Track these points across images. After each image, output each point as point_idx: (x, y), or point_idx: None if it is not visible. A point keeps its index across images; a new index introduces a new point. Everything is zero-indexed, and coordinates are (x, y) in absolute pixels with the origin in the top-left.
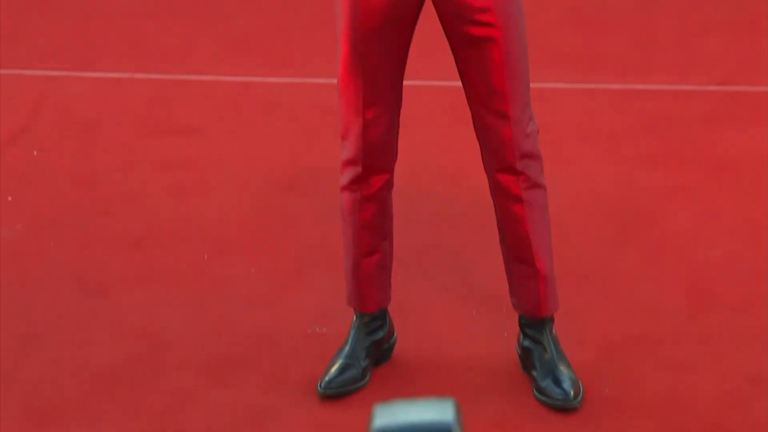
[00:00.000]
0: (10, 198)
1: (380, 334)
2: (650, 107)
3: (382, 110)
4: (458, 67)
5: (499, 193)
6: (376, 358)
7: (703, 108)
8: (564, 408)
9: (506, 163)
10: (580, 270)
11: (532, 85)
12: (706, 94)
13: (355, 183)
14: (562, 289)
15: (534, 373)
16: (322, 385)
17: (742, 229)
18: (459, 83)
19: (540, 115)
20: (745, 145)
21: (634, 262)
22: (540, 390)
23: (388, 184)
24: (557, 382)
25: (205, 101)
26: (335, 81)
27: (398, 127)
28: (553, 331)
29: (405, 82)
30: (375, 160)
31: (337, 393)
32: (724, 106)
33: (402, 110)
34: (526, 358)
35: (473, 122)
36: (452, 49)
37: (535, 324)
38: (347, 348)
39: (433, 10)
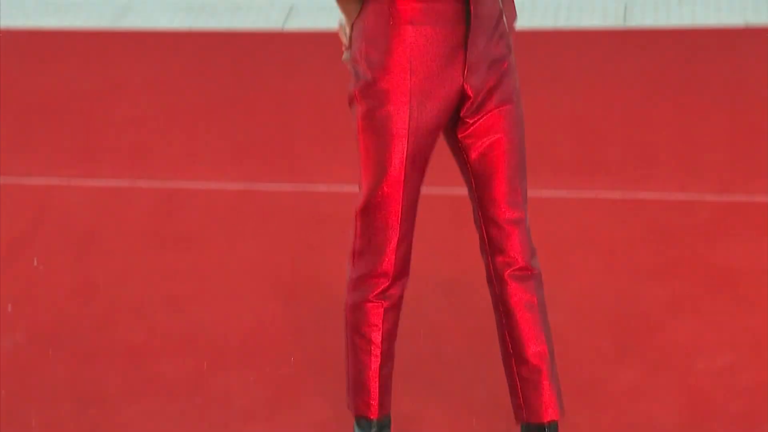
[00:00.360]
0: (10, 308)
1: None
2: (649, 217)
3: (411, 222)
4: (469, 171)
5: (511, 296)
6: None
7: (702, 218)
8: None
9: (520, 263)
10: (580, 382)
11: (531, 193)
12: (705, 204)
13: (380, 295)
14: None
15: None
16: None
17: (742, 341)
18: (455, 191)
19: (539, 224)
20: (745, 255)
21: (634, 374)
22: None
23: (404, 289)
24: None
25: (205, 209)
26: (336, 189)
27: None
28: None
29: None
30: (401, 270)
31: None
32: (723, 216)
33: None
34: None
35: (483, 227)
36: (463, 152)
37: (540, 431)
38: None
39: None
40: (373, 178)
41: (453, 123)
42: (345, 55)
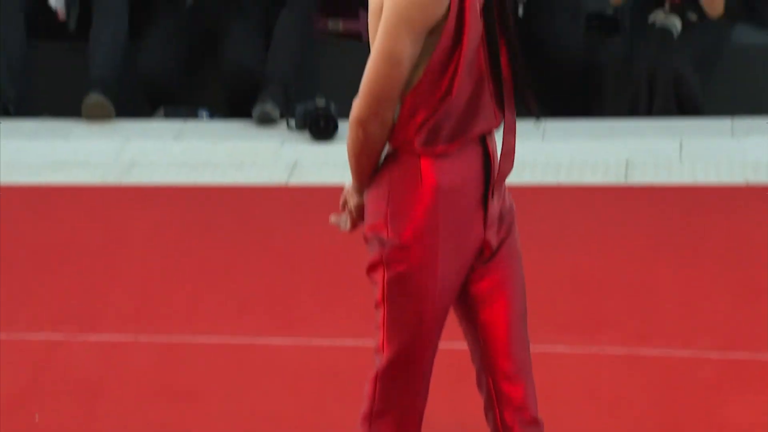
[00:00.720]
0: None
1: None
2: (652, 373)
3: (430, 379)
4: (476, 324)
5: None
6: None
7: (705, 375)
8: None
9: (530, 415)
10: None
11: (533, 349)
12: (708, 361)
13: None
14: None
15: None
16: None
17: None
18: (453, 346)
19: (542, 380)
20: (748, 413)
21: None
22: None
23: None
24: None
25: (208, 364)
26: (338, 343)
27: None
28: None
29: None
30: (419, 427)
31: None
32: (727, 373)
33: None
34: None
35: (490, 383)
36: (471, 304)
37: None
38: None
39: None
40: (400, 342)
41: (468, 283)
42: (338, 220)
